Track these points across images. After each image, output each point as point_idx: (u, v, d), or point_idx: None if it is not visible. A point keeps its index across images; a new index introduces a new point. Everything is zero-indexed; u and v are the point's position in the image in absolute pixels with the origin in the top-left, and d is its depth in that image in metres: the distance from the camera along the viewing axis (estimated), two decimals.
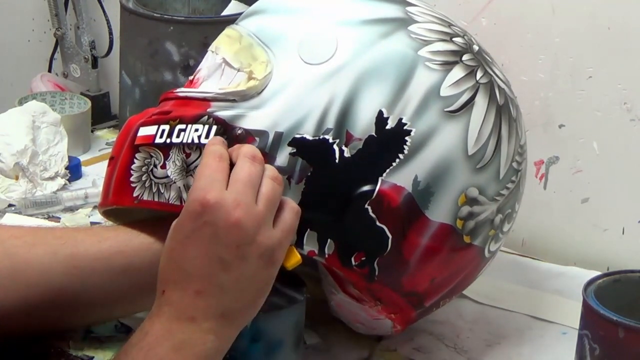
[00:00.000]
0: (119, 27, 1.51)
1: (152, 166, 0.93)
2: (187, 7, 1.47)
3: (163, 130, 0.93)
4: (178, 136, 0.92)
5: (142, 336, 0.84)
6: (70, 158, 1.38)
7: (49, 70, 1.69)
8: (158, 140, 0.93)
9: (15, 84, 1.78)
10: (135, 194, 0.93)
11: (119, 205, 0.96)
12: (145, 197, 0.93)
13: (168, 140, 0.92)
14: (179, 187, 0.91)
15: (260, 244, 0.84)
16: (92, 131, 1.53)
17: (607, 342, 0.88)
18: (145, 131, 0.94)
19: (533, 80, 1.24)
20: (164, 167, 0.92)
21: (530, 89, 1.24)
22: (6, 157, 1.31)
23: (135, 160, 0.94)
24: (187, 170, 0.91)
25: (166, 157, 0.92)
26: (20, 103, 1.42)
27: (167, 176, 0.92)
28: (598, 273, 0.98)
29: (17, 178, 1.31)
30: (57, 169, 1.35)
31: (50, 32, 1.68)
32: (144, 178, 0.93)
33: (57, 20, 1.64)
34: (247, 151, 0.87)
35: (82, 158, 1.43)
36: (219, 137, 0.90)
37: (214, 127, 0.91)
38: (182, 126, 0.92)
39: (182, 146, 0.92)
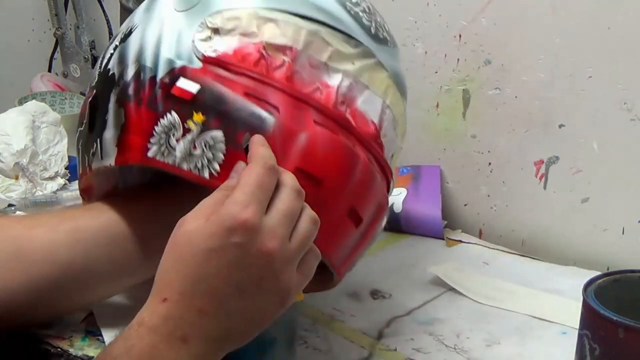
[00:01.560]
0: (119, 27, 1.51)
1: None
2: None
3: None
4: None
5: (126, 350, 0.79)
6: (70, 158, 1.38)
7: (49, 70, 1.70)
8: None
9: (15, 83, 1.78)
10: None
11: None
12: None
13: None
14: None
15: (282, 282, 0.81)
16: None
17: (607, 342, 0.88)
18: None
19: (533, 80, 1.24)
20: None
21: (530, 89, 1.24)
22: (6, 157, 1.31)
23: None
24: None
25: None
26: (20, 103, 1.43)
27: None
28: (598, 273, 0.97)
29: (17, 178, 1.31)
30: (57, 169, 1.35)
31: (50, 32, 1.68)
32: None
33: (57, 20, 1.65)
34: (294, 184, 0.84)
35: None
36: (262, 137, 0.88)
37: None
38: None
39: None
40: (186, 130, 0.89)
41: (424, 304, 1.13)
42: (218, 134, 0.88)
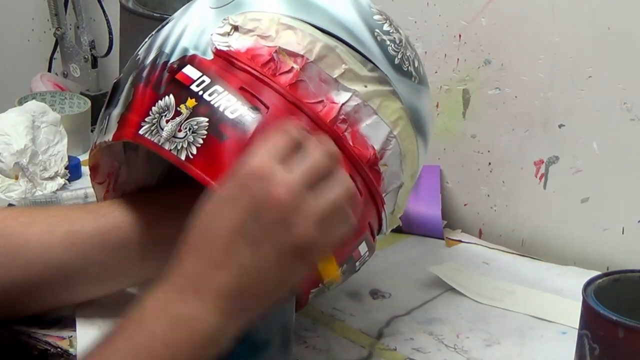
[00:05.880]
0: (118, 27, 1.51)
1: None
2: None
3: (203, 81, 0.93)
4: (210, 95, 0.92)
5: (140, 308, 0.77)
6: (70, 158, 1.38)
7: (49, 70, 1.69)
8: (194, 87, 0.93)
9: (15, 83, 1.78)
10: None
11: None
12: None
13: (200, 93, 0.92)
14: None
15: (298, 235, 0.77)
16: (92, 131, 1.52)
17: (607, 342, 0.88)
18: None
19: (533, 80, 1.24)
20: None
21: (530, 89, 1.24)
22: (6, 157, 1.31)
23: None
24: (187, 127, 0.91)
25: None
26: (20, 103, 1.42)
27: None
28: (598, 273, 0.97)
29: (17, 178, 1.31)
30: (56, 169, 1.35)
31: (50, 32, 1.68)
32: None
33: (57, 20, 1.64)
34: (329, 144, 0.82)
35: (82, 158, 1.43)
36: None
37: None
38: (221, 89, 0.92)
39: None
40: (177, 113, 0.91)
41: (424, 303, 1.13)
42: (203, 120, 0.90)
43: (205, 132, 0.90)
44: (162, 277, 0.78)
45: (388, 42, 0.98)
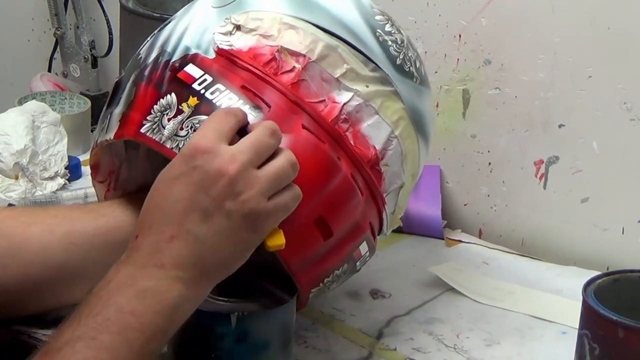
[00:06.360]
0: (118, 27, 1.51)
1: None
2: None
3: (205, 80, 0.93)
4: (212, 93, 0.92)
5: (105, 284, 0.81)
6: (70, 158, 1.38)
7: (49, 70, 1.69)
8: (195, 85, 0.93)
9: (15, 83, 1.78)
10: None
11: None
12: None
13: (202, 91, 0.92)
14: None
15: (246, 204, 0.82)
16: (91, 131, 1.52)
17: (607, 342, 0.88)
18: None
19: (533, 80, 1.24)
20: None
21: (530, 89, 1.24)
22: (6, 157, 1.31)
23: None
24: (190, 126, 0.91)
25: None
26: (20, 103, 1.42)
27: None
28: (598, 273, 0.98)
29: (16, 178, 1.31)
30: (56, 169, 1.35)
31: (50, 31, 1.68)
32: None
33: (57, 20, 1.64)
34: (268, 124, 0.87)
35: (82, 158, 1.43)
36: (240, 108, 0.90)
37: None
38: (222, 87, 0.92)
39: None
40: (179, 112, 0.91)
41: (424, 303, 1.13)
42: (205, 118, 0.90)
43: None
44: (123, 255, 0.83)
45: (390, 43, 0.98)
